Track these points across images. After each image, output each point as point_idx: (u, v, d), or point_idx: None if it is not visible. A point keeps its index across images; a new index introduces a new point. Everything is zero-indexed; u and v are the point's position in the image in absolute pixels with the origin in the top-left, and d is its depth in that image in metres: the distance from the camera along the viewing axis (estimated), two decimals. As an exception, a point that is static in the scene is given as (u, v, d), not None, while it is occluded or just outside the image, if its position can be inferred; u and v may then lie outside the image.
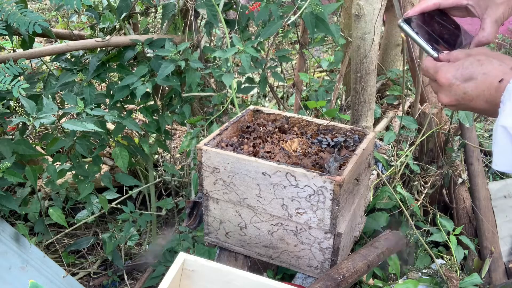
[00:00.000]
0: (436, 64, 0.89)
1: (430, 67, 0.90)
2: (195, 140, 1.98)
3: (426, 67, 0.91)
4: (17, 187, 2.36)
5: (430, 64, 0.90)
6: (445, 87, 0.86)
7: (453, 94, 0.85)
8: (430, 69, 0.90)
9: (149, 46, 1.98)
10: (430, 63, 0.90)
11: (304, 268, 1.36)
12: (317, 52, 4.86)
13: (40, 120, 1.56)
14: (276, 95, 2.72)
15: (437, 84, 0.89)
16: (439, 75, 0.87)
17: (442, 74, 0.86)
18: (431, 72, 0.90)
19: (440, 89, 0.88)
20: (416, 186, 2.36)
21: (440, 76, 0.87)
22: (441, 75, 0.86)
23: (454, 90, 0.85)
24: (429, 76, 0.91)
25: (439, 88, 0.88)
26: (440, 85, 0.87)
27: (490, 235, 2.21)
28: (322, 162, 1.34)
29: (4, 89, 1.47)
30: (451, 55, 0.89)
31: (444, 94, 0.87)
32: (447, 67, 0.86)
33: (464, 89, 0.83)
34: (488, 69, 0.81)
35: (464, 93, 0.83)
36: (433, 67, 0.89)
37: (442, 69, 0.87)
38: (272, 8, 1.74)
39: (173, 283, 1.11)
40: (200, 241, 2.07)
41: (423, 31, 0.95)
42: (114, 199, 2.28)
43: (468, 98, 0.83)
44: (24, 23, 1.55)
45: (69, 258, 2.46)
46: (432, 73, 0.89)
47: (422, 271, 1.88)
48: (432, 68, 0.89)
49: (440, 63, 0.89)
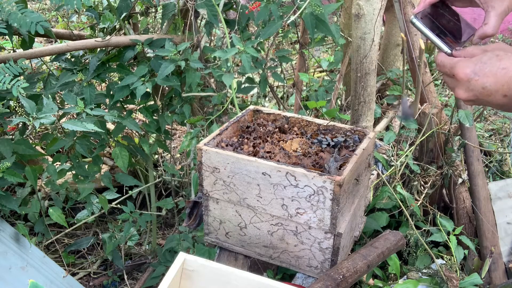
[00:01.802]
0: (452, 59, 0.88)
1: (446, 63, 0.89)
2: (195, 140, 1.98)
3: (442, 63, 0.90)
4: (17, 187, 2.36)
5: (445, 59, 0.90)
6: (464, 82, 0.86)
7: (471, 89, 0.85)
8: (446, 65, 0.89)
9: (149, 46, 1.98)
10: (445, 59, 0.90)
11: (304, 268, 1.36)
12: (317, 52, 4.85)
13: (40, 120, 1.56)
14: (276, 95, 2.72)
15: (454, 79, 0.88)
16: (457, 70, 0.86)
17: (460, 70, 0.86)
18: (447, 67, 0.89)
19: (458, 84, 0.87)
20: (416, 186, 2.36)
21: (458, 71, 0.86)
22: (459, 70, 0.86)
23: (473, 85, 0.84)
24: (445, 71, 0.90)
25: (457, 84, 0.88)
26: (458, 80, 0.87)
27: (490, 235, 2.21)
28: (322, 162, 1.34)
29: (4, 88, 1.47)
30: (466, 51, 0.88)
31: (462, 89, 0.87)
32: (465, 62, 0.86)
33: (483, 84, 0.83)
34: (507, 64, 0.81)
35: (483, 88, 0.83)
36: (449, 63, 0.89)
37: (459, 64, 0.86)
38: (272, 8, 1.74)
39: (173, 283, 1.11)
40: (200, 241, 2.07)
41: (432, 25, 0.95)
42: (114, 199, 2.28)
43: (487, 93, 0.83)
44: (25, 23, 1.55)
45: (69, 258, 2.46)
46: (449, 69, 0.89)
47: (422, 271, 1.88)
48: (448, 63, 0.89)
49: (456, 58, 0.88)
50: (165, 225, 2.78)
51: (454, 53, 0.90)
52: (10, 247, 1.88)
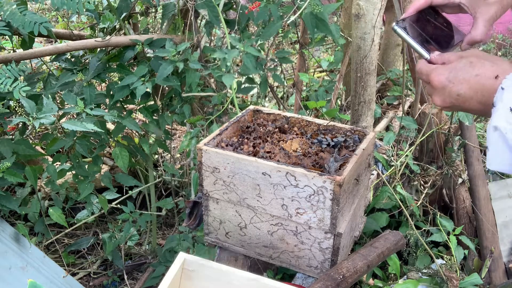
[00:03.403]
0: (430, 67, 0.89)
1: (424, 70, 0.91)
2: (195, 140, 1.98)
3: (420, 70, 0.92)
4: (17, 187, 2.36)
5: (423, 66, 0.91)
6: (439, 89, 0.87)
7: (447, 96, 0.86)
8: (423, 72, 0.91)
9: (149, 46, 1.98)
10: (423, 66, 0.91)
11: (304, 268, 1.36)
12: (317, 52, 4.85)
13: (40, 120, 1.56)
14: (276, 95, 2.72)
15: (430, 86, 0.89)
16: (432, 77, 0.88)
17: (436, 77, 0.87)
18: (424, 74, 0.90)
19: (434, 91, 0.88)
20: (416, 186, 2.36)
21: (433, 78, 0.87)
22: (434, 78, 0.87)
23: (448, 92, 0.85)
24: (423, 78, 0.92)
25: (433, 91, 0.89)
26: (434, 88, 0.88)
27: (490, 235, 2.21)
28: (322, 162, 1.34)
29: (5, 90, 1.47)
30: (444, 57, 0.89)
31: (438, 96, 0.88)
32: (440, 69, 0.87)
33: (457, 91, 0.84)
34: (480, 70, 0.82)
35: (458, 95, 0.84)
36: (426, 70, 0.90)
37: (435, 71, 0.88)
38: (271, 8, 1.74)
39: (173, 283, 1.11)
40: (200, 241, 2.07)
41: (416, 32, 0.96)
42: (114, 199, 2.28)
43: (462, 100, 0.84)
44: (28, 25, 1.55)
45: (69, 258, 2.46)
46: (426, 76, 0.90)
47: (422, 271, 1.88)
48: (425, 70, 0.90)
49: (433, 65, 0.89)
50: (165, 225, 2.78)
51: (431, 59, 0.91)
52: (10, 247, 1.88)
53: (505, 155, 0.78)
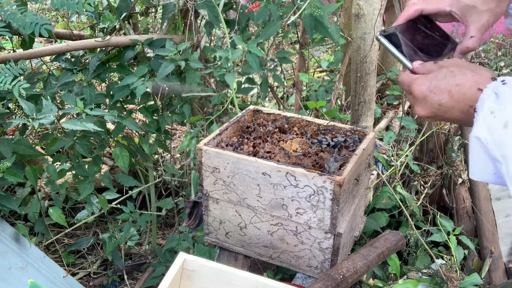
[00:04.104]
0: (411, 77, 0.89)
1: (405, 80, 0.90)
2: (195, 140, 1.98)
3: (402, 80, 0.91)
4: (17, 187, 2.36)
5: (405, 77, 0.91)
6: (421, 99, 0.86)
7: (429, 107, 0.86)
8: (405, 82, 0.90)
9: (149, 46, 1.98)
10: (405, 76, 0.91)
11: (304, 268, 1.36)
12: (317, 52, 4.85)
13: (39, 121, 1.56)
14: (276, 95, 2.72)
15: (412, 97, 0.89)
16: (414, 88, 0.87)
17: (417, 87, 0.86)
18: (406, 84, 0.90)
19: (416, 101, 0.88)
20: (416, 186, 2.36)
21: (414, 88, 0.87)
22: (415, 88, 0.87)
23: (429, 102, 0.85)
24: (405, 89, 0.91)
25: (415, 101, 0.89)
26: (416, 98, 0.88)
27: (490, 235, 2.21)
28: (322, 162, 1.34)
29: (5, 89, 1.47)
30: (425, 67, 0.89)
31: (420, 106, 0.87)
32: (421, 79, 0.87)
33: (439, 100, 0.84)
34: (461, 80, 0.82)
35: (440, 104, 0.84)
36: (408, 80, 0.89)
37: (416, 81, 0.87)
38: (271, 8, 1.74)
39: (173, 283, 1.11)
40: (200, 241, 2.07)
41: (403, 42, 0.95)
42: (114, 199, 2.28)
43: (444, 110, 0.84)
44: (29, 26, 1.55)
45: (69, 258, 2.46)
46: (407, 86, 0.90)
47: (422, 271, 1.88)
48: (407, 81, 0.90)
49: (415, 76, 0.89)
50: (165, 225, 2.78)
51: (413, 68, 0.90)
52: (10, 247, 1.88)
53: (487, 165, 0.77)
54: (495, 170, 0.77)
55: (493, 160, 0.76)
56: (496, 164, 0.76)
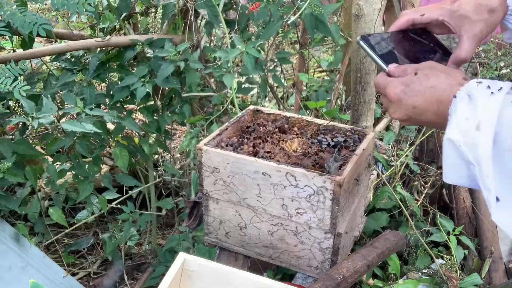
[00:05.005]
0: (387, 79, 0.88)
1: (381, 83, 0.89)
2: (195, 140, 1.98)
3: (377, 83, 0.91)
4: (17, 187, 2.36)
5: (380, 79, 0.90)
6: (395, 102, 0.86)
7: (403, 109, 0.85)
8: (380, 85, 0.89)
9: (149, 46, 1.98)
10: (380, 79, 0.90)
11: (304, 268, 1.36)
12: (317, 52, 4.85)
13: (39, 120, 1.56)
14: (276, 95, 2.73)
15: (387, 99, 0.88)
16: (388, 90, 0.87)
17: (391, 90, 0.86)
18: (381, 87, 0.89)
19: (391, 104, 0.87)
20: (416, 186, 2.36)
21: (389, 91, 0.86)
22: (389, 91, 0.86)
23: (403, 105, 0.84)
24: (380, 91, 0.91)
25: (389, 104, 0.88)
26: (390, 101, 0.87)
27: (490, 235, 2.20)
28: (322, 162, 1.34)
29: (5, 90, 1.47)
30: (400, 69, 0.88)
31: (394, 109, 0.87)
32: (395, 82, 0.86)
33: (413, 103, 0.83)
34: (435, 82, 0.81)
35: (414, 107, 0.83)
36: (383, 83, 0.89)
37: (390, 84, 0.86)
38: (272, 9, 1.74)
39: (173, 283, 1.11)
40: (200, 241, 2.07)
41: (388, 48, 0.95)
42: (114, 199, 2.28)
43: (418, 112, 0.83)
44: (28, 25, 1.55)
45: (69, 258, 2.45)
46: (382, 89, 0.89)
47: (422, 271, 1.88)
48: (382, 83, 0.89)
49: (390, 78, 0.88)
50: (165, 225, 2.78)
51: (389, 71, 0.89)
52: (10, 247, 1.88)
53: (461, 168, 0.77)
54: (469, 173, 0.76)
55: (466, 163, 0.75)
56: (469, 167, 0.75)
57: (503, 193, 0.72)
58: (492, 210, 0.73)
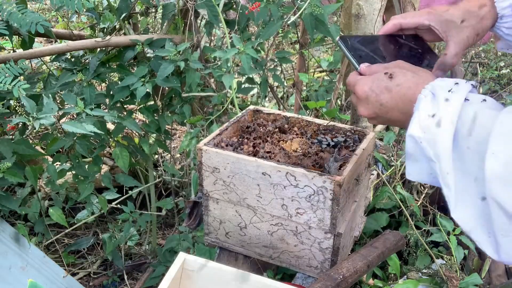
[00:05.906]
0: (356, 77, 0.90)
1: (351, 81, 0.91)
2: (195, 140, 1.98)
3: (348, 81, 0.92)
4: (17, 187, 2.36)
5: (351, 77, 0.91)
6: (363, 99, 0.87)
7: (370, 107, 0.86)
8: (351, 83, 0.91)
9: (149, 46, 1.98)
10: (351, 77, 0.91)
11: (304, 268, 1.36)
12: (317, 52, 4.86)
13: (40, 120, 1.56)
14: (276, 95, 2.73)
15: (356, 97, 0.90)
16: (357, 88, 0.88)
17: (359, 87, 0.87)
18: (351, 85, 0.91)
19: (359, 101, 0.89)
20: (416, 186, 2.36)
21: (357, 88, 0.88)
22: (358, 88, 0.87)
23: (371, 103, 0.86)
24: (350, 89, 0.92)
25: (358, 101, 0.89)
26: (359, 98, 0.88)
27: (490, 235, 2.20)
28: (322, 162, 1.34)
29: (5, 89, 1.47)
30: (371, 68, 0.89)
31: (362, 106, 0.88)
32: (364, 80, 0.87)
33: (380, 100, 0.84)
34: (402, 80, 0.82)
35: (381, 104, 0.84)
36: (353, 81, 0.90)
37: (359, 82, 0.88)
38: (272, 9, 1.74)
39: (173, 283, 1.11)
40: (200, 241, 2.07)
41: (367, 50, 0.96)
42: (114, 199, 2.29)
43: (385, 110, 0.84)
44: (26, 23, 1.55)
45: (69, 258, 2.45)
46: (352, 86, 0.90)
47: (422, 271, 1.88)
48: (352, 81, 0.90)
49: (359, 76, 0.89)
50: (165, 225, 2.78)
51: (360, 69, 0.91)
52: (10, 247, 1.88)
53: (422, 165, 0.77)
54: (430, 170, 0.76)
55: (427, 160, 0.75)
56: (430, 164, 0.75)
57: (461, 190, 0.72)
58: (451, 207, 0.73)
